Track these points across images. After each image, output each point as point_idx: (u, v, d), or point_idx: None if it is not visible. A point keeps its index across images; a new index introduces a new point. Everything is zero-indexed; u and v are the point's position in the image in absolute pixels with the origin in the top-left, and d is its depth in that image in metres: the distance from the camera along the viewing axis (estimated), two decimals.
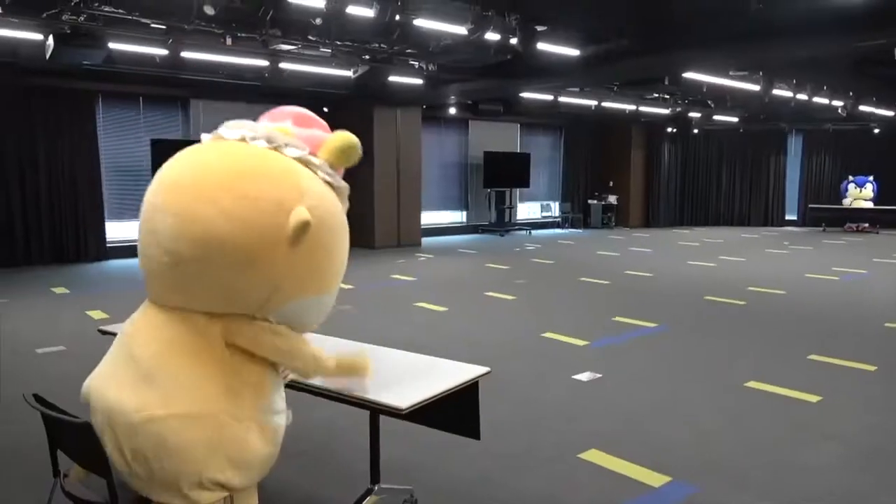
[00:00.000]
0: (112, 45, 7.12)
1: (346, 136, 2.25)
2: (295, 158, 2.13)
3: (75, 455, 2.13)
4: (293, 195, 2.02)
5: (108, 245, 10.58)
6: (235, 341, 2.07)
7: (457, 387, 2.40)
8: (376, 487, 2.75)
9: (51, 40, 6.64)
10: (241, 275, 2.01)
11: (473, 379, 2.48)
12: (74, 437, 2.06)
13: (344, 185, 2.31)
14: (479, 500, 2.92)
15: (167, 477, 1.95)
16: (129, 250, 10.83)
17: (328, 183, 2.20)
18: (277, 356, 2.13)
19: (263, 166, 2.06)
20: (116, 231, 10.82)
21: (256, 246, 1.98)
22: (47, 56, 6.81)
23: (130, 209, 10.86)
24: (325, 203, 2.13)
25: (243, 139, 2.14)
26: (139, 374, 2.02)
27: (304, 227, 1.99)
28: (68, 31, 6.66)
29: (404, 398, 2.23)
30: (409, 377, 2.53)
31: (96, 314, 6.55)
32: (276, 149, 2.12)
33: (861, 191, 15.74)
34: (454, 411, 2.58)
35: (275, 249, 1.99)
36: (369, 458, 2.77)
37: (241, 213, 1.96)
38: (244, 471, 2.04)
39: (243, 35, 7.55)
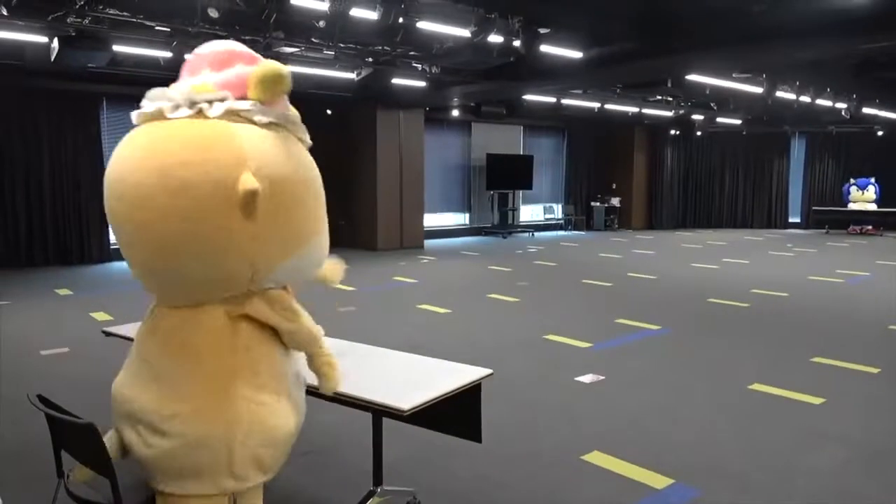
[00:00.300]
0: (116, 48, 7.14)
1: (265, 66, 1.98)
2: (221, 117, 1.93)
3: (80, 455, 2.13)
4: (231, 166, 1.85)
5: (111, 247, 10.61)
6: (247, 313, 2.06)
7: (458, 389, 2.40)
8: (379, 489, 2.76)
9: (55, 43, 6.67)
10: (213, 266, 1.94)
11: (475, 381, 2.48)
12: (78, 437, 2.07)
13: (292, 115, 2.10)
14: (482, 501, 2.92)
15: (200, 470, 1.97)
16: None
17: (273, 123, 2.00)
18: (282, 329, 2.11)
19: (190, 147, 1.88)
20: None
21: (213, 235, 1.89)
22: (52, 58, 6.84)
23: None
24: (271, 156, 1.93)
25: (161, 112, 1.95)
26: (152, 375, 2.05)
27: (251, 197, 1.85)
28: (73, 34, 6.70)
29: (407, 400, 2.23)
30: (411, 379, 2.54)
31: (100, 316, 6.57)
32: (199, 113, 1.93)
33: (863, 193, 15.71)
34: (456, 413, 2.58)
35: (232, 231, 1.89)
36: (372, 460, 2.78)
37: (183, 208, 1.85)
38: (272, 448, 2.04)
39: (247, 37, 7.57)
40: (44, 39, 6.92)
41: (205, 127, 1.91)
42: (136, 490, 2.07)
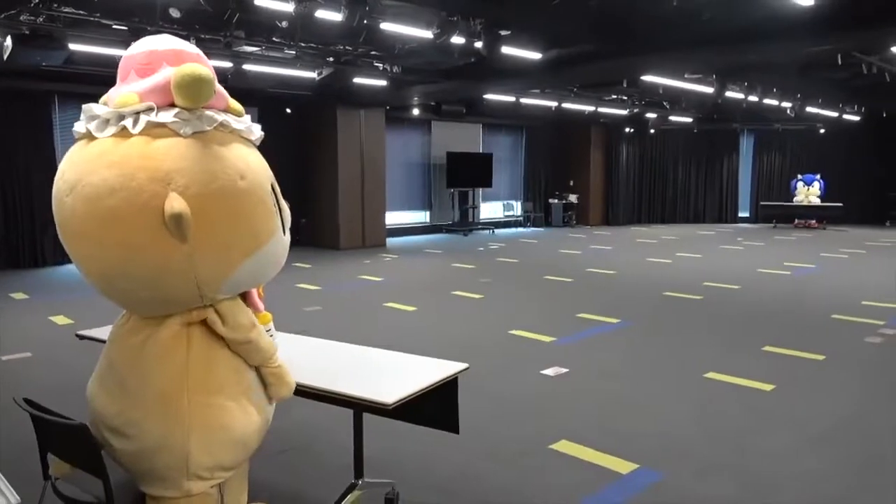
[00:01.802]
0: (73, 46, 7.00)
1: (182, 71, 1.85)
2: (144, 132, 1.86)
3: (70, 457, 2.17)
4: (155, 190, 1.81)
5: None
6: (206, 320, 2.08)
7: (440, 382, 2.51)
8: (360, 482, 2.84)
9: (9, 41, 6.50)
10: (156, 288, 1.96)
11: (454, 374, 2.60)
12: (69, 439, 2.11)
13: (231, 116, 2.04)
14: (458, 492, 3.04)
15: (160, 472, 2.03)
16: None
17: (203, 132, 1.92)
18: (230, 341, 2.10)
19: (113, 172, 1.83)
20: None
21: (149, 260, 1.88)
22: (4, 57, 6.66)
23: None
24: (198, 172, 1.86)
25: (89, 134, 1.94)
26: (116, 380, 2.11)
27: (178, 220, 1.80)
28: (27, 32, 6.54)
29: (389, 394, 2.33)
30: (389, 374, 2.63)
31: (60, 319, 6.45)
32: (124, 131, 1.88)
33: (809, 188, 16.38)
34: (434, 407, 2.69)
35: (168, 254, 1.87)
36: (353, 454, 2.86)
37: (116, 237, 1.85)
38: (230, 448, 2.07)
39: (206, 36, 7.51)
40: None
41: (128, 148, 1.85)
42: (126, 490, 2.12)
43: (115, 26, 6.88)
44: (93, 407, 2.14)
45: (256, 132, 2.15)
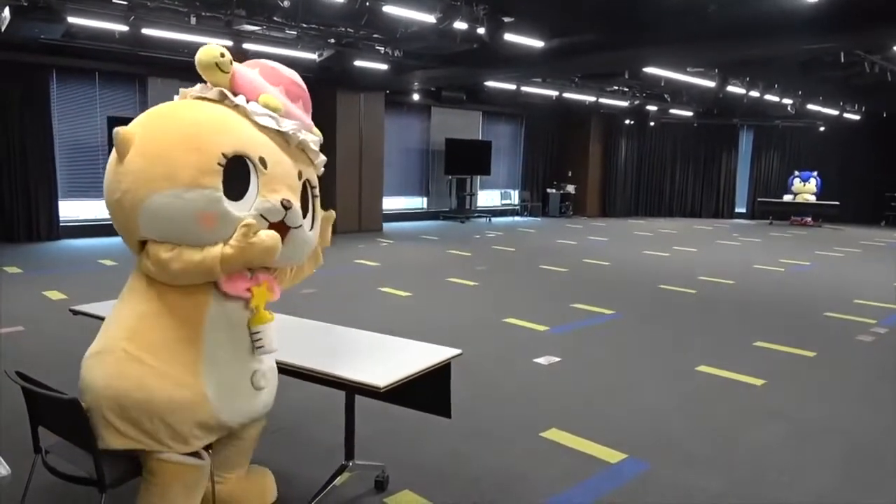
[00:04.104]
0: (71, 19, 6.93)
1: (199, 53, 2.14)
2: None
3: (60, 431, 2.17)
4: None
5: (61, 224, 10.33)
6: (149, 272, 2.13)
7: (433, 366, 2.52)
8: (351, 464, 2.86)
9: (7, 13, 6.45)
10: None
11: (447, 359, 2.60)
12: (60, 412, 2.11)
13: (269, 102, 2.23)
14: (448, 475, 3.06)
15: (90, 412, 2.07)
16: (83, 230, 10.61)
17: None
18: (169, 266, 2.07)
19: None
20: (70, 210, 10.57)
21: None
22: (2, 28, 6.61)
23: (85, 187, 10.61)
24: (149, 123, 2.18)
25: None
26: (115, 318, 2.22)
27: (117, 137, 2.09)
28: (25, 4, 6.48)
29: (381, 378, 2.33)
30: (382, 358, 2.64)
31: (53, 294, 6.44)
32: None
33: (805, 185, 16.40)
34: (427, 391, 2.70)
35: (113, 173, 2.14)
36: (344, 436, 2.88)
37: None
38: (143, 409, 2.03)
39: (207, 14, 7.46)
40: None
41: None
42: (116, 464, 2.12)
43: (114, 0, 6.82)
44: None
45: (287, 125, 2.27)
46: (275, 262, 2.19)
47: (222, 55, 2.12)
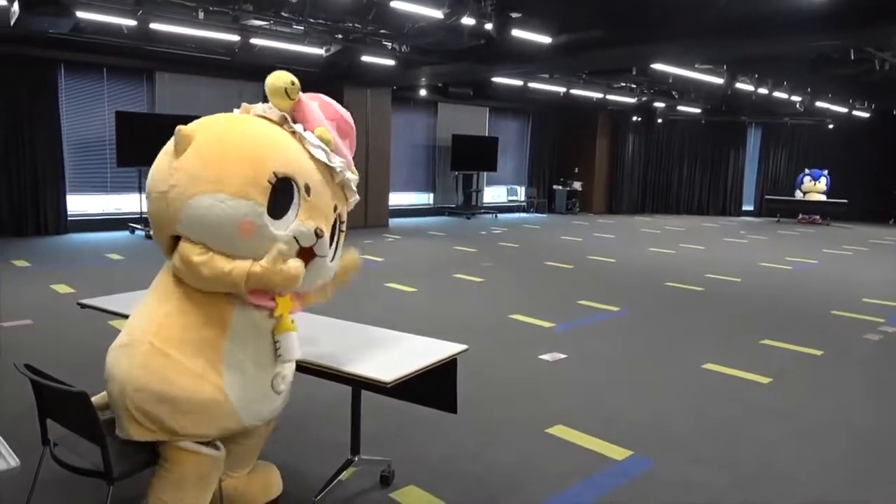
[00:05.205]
0: (79, 14, 6.95)
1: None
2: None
3: (69, 423, 2.18)
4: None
5: (69, 218, 10.37)
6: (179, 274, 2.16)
7: (439, 362, 2.52)
8: (356, 459, 2.87)
9: (16, 6, 6.46)
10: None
11: (454, 355, 2.60)
12: (69, 405, 2.12)
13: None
14: (453, 471, 3.06)
15: (114, 402, 2.12)
16: (91, 224, 10.65)
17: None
18: (197, 270, 2.10)
19: None
20: (78, 204, 10.61)
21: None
22: (11, 23, 6.63)
23: (93, 182, 10.65)
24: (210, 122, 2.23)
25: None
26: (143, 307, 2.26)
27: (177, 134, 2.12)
28: None
29: (388, 373, 2.34)
30: (389, 353, 2.64)
31: (61, 288, 6.47)
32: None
33: (815, 184, 16.31)
34: (433, 386, 2.70)
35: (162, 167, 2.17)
36: (350, 431, 2.89)
37: None
38: (165, 402, 2.06)
39: (215, 9, 7.46)
40: (3, 2, 6.69)
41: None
42: (123, 456, 2.13)
43: None
44: None
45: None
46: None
47: (293, 83, 2.24)
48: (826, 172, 16.22)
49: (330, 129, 2.32)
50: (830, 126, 16.54)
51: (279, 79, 2.23)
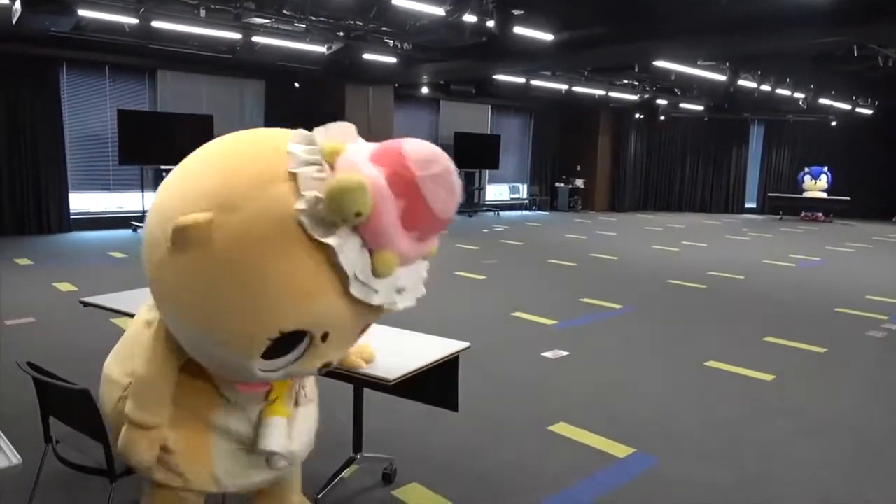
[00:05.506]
0: (81, 12, 6.95)
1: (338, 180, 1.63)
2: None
3: (71, 421, 2.18)
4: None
5: (71, 217, 10.39)
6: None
7: (441, 360, 2.52)
8: (358, 456, 2.87)
9: (18, 5, 6.46)
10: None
11: (455, 353, 2.60)
12: (71, 403, 2.12)
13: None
14: (456, 469, 3.06)
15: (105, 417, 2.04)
16: (93, 222, 10.67)
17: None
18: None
19: None
20: (80, 202, 10.63)
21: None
22: (13, 21, 6.63)
23: (95, 180, 10.66)
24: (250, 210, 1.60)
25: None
26: (119, 347, 2.13)
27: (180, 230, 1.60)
28: None
29: (390, 371, 2.33)
30: (391, 351, 2.63)
31: (64, 286, 6.48)
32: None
33: (816, 182, 16.28)
34: (435, 384, 2.70)
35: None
36: (352, 429, 2.89)
37: None
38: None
39: (216, 7, 7.46)
40: (4, 1, 6.70)
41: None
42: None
43: None
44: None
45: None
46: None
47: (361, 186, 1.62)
48: (826, 169, 16.18)
49: (401, 248, 1.77)
50: (833, 123, 16.49)
51: (348, 190, 1.60)
